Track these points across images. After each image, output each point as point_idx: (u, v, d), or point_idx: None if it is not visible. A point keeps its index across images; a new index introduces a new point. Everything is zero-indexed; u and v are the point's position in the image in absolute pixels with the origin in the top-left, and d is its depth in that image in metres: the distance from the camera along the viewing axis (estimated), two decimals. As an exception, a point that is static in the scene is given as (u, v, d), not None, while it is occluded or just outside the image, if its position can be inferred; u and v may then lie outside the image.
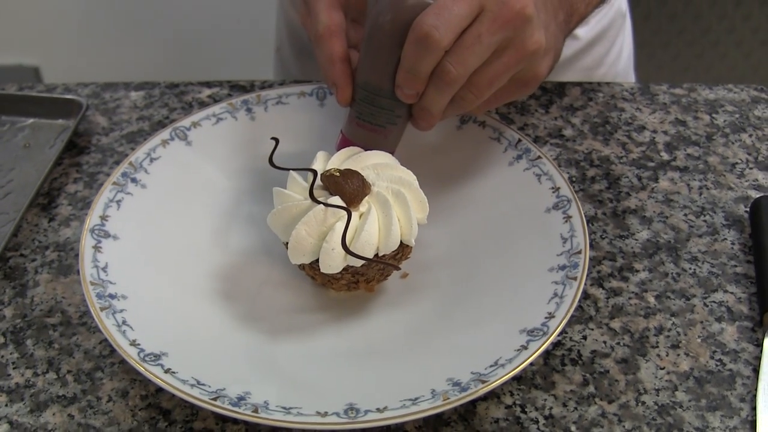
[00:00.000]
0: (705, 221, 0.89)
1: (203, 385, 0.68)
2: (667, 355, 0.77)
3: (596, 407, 0.73)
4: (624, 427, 0.71)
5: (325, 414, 0.66)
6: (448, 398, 0.67)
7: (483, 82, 0.76)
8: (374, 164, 0.78)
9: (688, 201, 0.92)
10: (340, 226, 0.72)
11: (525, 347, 0.70)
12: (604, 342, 0.78)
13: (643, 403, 0.73)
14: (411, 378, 0.71)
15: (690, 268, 0.85)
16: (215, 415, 0.72)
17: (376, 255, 0.74)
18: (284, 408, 0.67)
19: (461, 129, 0.92)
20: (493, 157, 0.89)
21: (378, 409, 0.67)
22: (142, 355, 0.70)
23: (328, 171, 0.76)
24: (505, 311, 0.76)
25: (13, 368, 0.76)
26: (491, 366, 0.70)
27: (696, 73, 2.23)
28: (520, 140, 0.89)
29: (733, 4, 2.09)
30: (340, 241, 0.71)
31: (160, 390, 0.74)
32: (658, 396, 0.74)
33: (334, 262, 0.73)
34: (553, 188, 0.84)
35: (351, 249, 0.72)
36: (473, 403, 0.73)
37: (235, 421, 0.72)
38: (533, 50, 0.76)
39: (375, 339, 0.77)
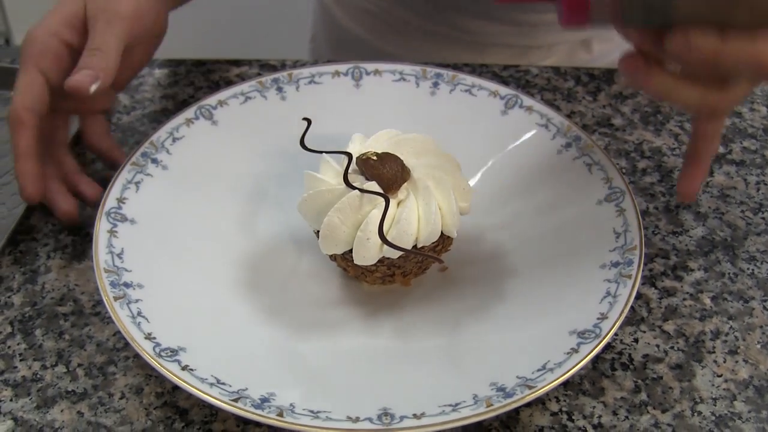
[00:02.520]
0: (763, 218, 0.86)
1: (223, 384, 0.64)
2: (724, 362, 0.73)
3: (649, 416, 0.69)
4: (679, 439, 0.68)
5: (357, 419, 0.62)
6: (492, 405, 0.62)
7: None
8: (415, 149, 0.74)
9: (745, 197, 0.88)
10: (377, 214, 0.68)
11: (576, 350, 0.66)
12: (657, 346, 0.74)
13: (700, 413, 0.69)
14: (451, 381, 0.67)
15: (748, 269, 0.81)
16: (236, 417, 0.68)
17: (415, 246, 0.70)
18: (312, 412, 0.63)
19: (507, 114, 0.88)
20: (541, 144, 0.86)
21: (415, 415, 0.62)
22: (157, 349, 0.66)
23: (364, 154, 0.72)
24: (554, 311, 0.72)
25: (20, 360, 0.73)
26: (539, 370, 0.65)
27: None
28: (569, 127, 0.85)
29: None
30: (376, 231, 0.67)
31: (177, 387, 0.70)
32: (715, 406, 0.70)
33: (369, 253, 0.69)
34: (605, 179, 0.80)
35: (389, 240, 0.68)
36: (516, 410, 0.69)
37: (258, 423, 0.67)
38: None
39: (411, 337, 0.73)
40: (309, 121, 0.74)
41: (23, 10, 2.44)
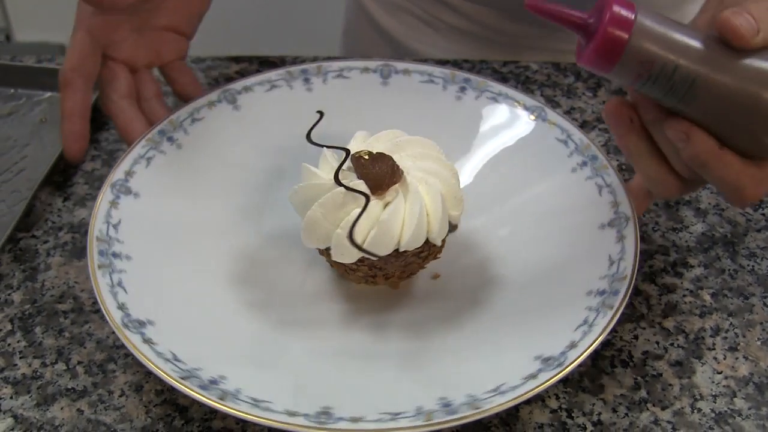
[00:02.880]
0: (763, 215, 0.86)
1: (179, 361, 0.64)
2: (724, 359, 0.73)
3: (648, 413, 0.69)
4: (678, 436, 0.68)
5: (294, 414, 0.61)
6: (431, 420, 0.61)
7: None
8: (415, 153, 0.73)
9: (745, 193, 0.87)
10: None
11: (534, 376, 0.64)
12: (657, 342, 0.74)
13: (699, 410, 0.69)
14: (402, 389, 0.66)
15: (748, 265, 0.81)
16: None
17: (397, 250, 0.69)
18: (254, 400, 0.62)
19: (528, 126, 0.86)
20: (556, 160, 0.83)
21: (352, 419, 0.62)
22: (125, 320, 0.66)
23: (358, 152, 0.71)
24: (526, 333, 0.70)
25: (20, 358, 0.72)
26: (490, 391, 0.63)
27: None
28: (588, 145, 0.82)
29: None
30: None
31: (177, 385, 0.70)
32: (715, 403, 0.69)
33: (347, 251, 0.68)
34: (612, 203, 0.77)
35: (368, 240, 0.67)
36: (516, 407, 0.68)
37: (214, 409, 0.65)
38: None
39: (378, 340, 0.72)
40: (321, 114, 0.74)
41: (24, 7, 2.43)
